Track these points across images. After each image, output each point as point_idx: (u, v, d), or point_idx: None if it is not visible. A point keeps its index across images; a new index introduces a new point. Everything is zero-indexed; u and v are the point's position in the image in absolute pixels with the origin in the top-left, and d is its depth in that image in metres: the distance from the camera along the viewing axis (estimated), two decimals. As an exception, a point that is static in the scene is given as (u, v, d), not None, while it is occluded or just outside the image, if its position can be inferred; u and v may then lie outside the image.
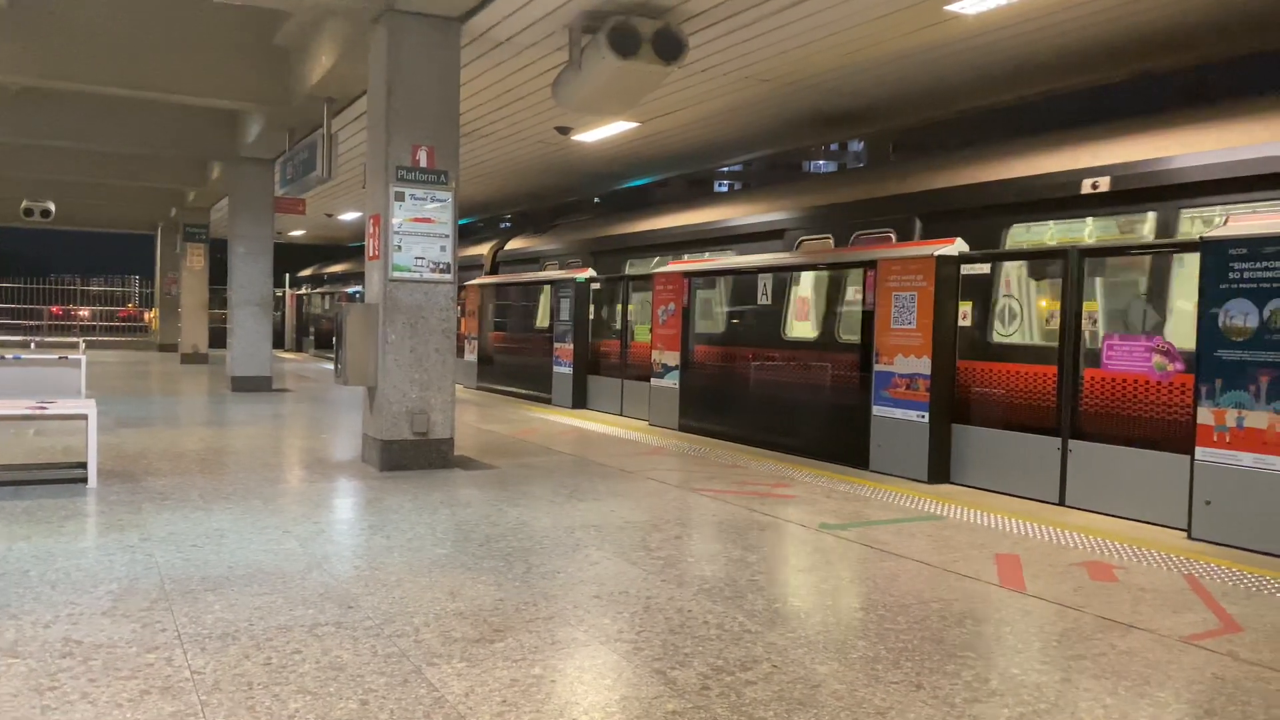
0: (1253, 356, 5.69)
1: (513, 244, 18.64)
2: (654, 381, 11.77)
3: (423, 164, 8.18)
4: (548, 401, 14.39)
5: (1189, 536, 6.05)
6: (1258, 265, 5.68)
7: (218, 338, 24.39)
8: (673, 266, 11.85)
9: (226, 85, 11.18)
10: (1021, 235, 8.45)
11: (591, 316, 14.09)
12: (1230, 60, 9.31)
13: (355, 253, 32.83)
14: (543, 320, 16.18)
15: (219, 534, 5.67)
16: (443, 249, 8.24)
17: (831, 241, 10.39)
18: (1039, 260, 8.10)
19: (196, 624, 4.03)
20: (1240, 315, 5.75)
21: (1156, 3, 7.48)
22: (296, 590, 4.56)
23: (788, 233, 11.07)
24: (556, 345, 14.21)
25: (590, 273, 14.08)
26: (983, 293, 8.36)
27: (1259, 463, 5.68)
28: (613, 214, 16.82)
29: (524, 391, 15.38)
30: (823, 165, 69.83)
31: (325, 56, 9.82)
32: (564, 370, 14.01)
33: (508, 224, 29.10)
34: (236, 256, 15.98)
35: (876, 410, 8.49)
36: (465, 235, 23.54)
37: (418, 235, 8.17)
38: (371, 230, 8.38)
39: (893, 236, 9.54)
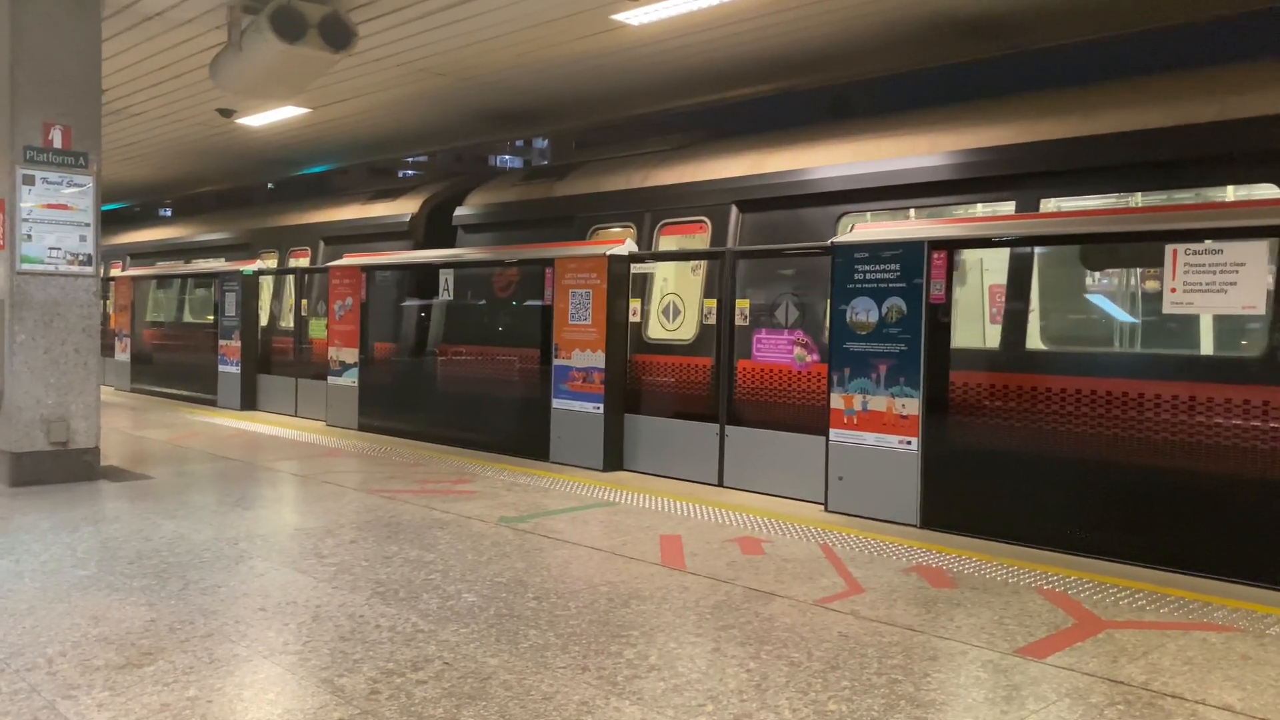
0: (874, 348, 6.47)
1: (486, 195, 11.89)
2: (331, 380, 11.37)
3: (57, 144, 7.37)
4: (213, 403, 13.46)
5: (826, 509, 6.77)
6: (877, 268, 6.46)
7: None
8: (348, 259, 11.49)
9: None
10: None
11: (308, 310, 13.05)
12: (866, 80, 10.44)
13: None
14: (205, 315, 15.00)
15: None
16: (83, 238, 7.48)
17: (635, 229, 9.88)
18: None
19: None
20: (864, 312, 6.51)
21: (799, 26, 8.25)
22: (-103, 630, 3.99)
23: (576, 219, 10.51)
24: (223, 342, 13.31)
25: (258, 264, 13.32)
26: (638, 290, 8.86)
27: (879, 441, 6.47)
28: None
29: (186, 393, 14.27)
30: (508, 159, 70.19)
31: (-69, 15, 8.55)
32: (231, 369, 13.15)
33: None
34: None
35: (556, 403, 8.74)
36: (366, 183, 16.81)
37: (52, 223, 7.36)
38: (-6, 217, 7.44)
39: (635, 229, 9.71)
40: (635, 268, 9.21)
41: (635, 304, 8.61)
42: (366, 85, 10.52)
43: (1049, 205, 7.01)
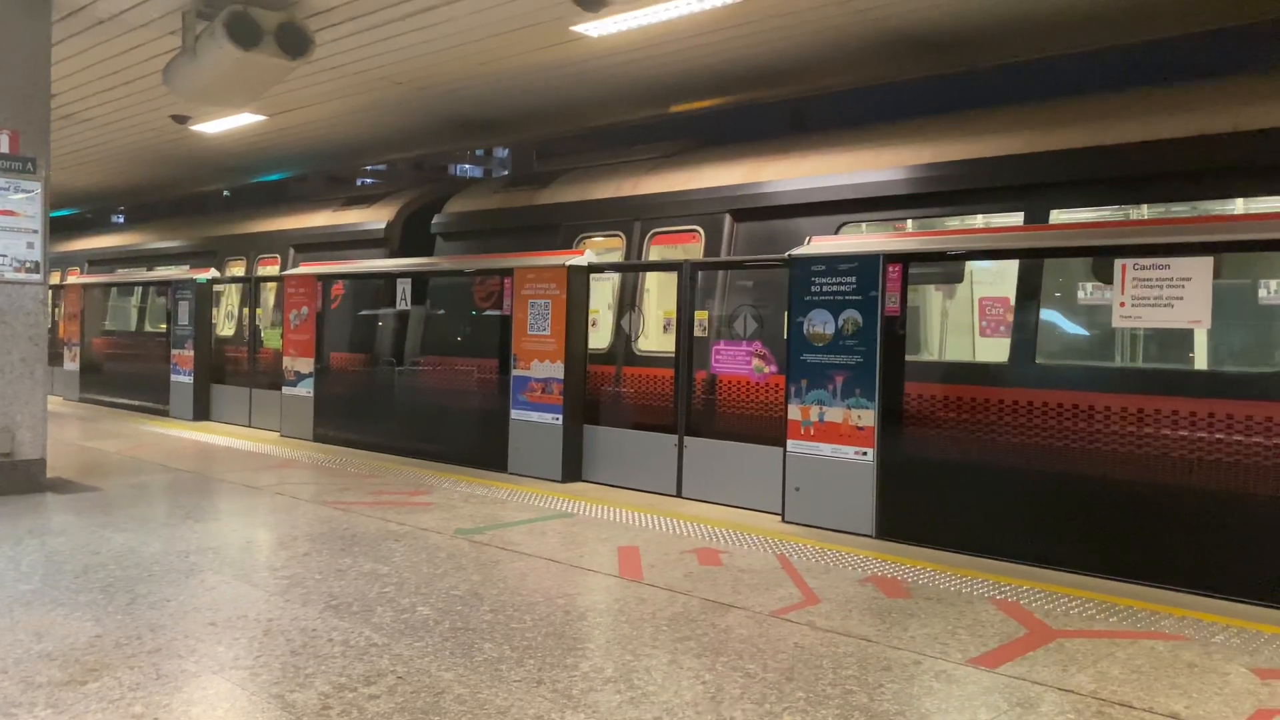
0: (830, 360, 6.52)
1: (465, 202, 11.66)
2: (286, 390, 11.23)
3: (4, 149, 7.23)
4: (165, 414, 13.23)
5: (783, 520, 6.80)
6: (834, 280, 6.52)
7: None
8: (304, 268, 11.38)
9: None
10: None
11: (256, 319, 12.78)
12: (829, 93, 10.52)
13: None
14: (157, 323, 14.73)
15: None
16: (30, 245, 7.33)
17: (623, 238, 9.72)
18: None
19: None
20: (820, 324, 6.57)
21: (759, 41, 8.32)
22: None
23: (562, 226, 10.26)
24: (175, 351, 13.10)
25: (212, 272, 13.14)
26: (628, 301, 8.83)
27: (836, 452, 6.52)
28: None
29: (137, 403, 14.02)
30: (468, 168, 69.97)
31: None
32: (184, 379, 12.95)
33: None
34: None
35: (514, 414, 8.69)
36: (330, 190, 16.04)
37: (-2, 230, 7.21)
38: (-63, 222, 7.27)
39: (623, 236, 9.64)
40: (620, 278, 9.15)
41: (595, 314, 8.60)
42: (324, 93, 10.43)
43: (1059, 217, 6.94)
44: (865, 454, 6.39)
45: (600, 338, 9.26)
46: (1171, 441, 5.42)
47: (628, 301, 9.18)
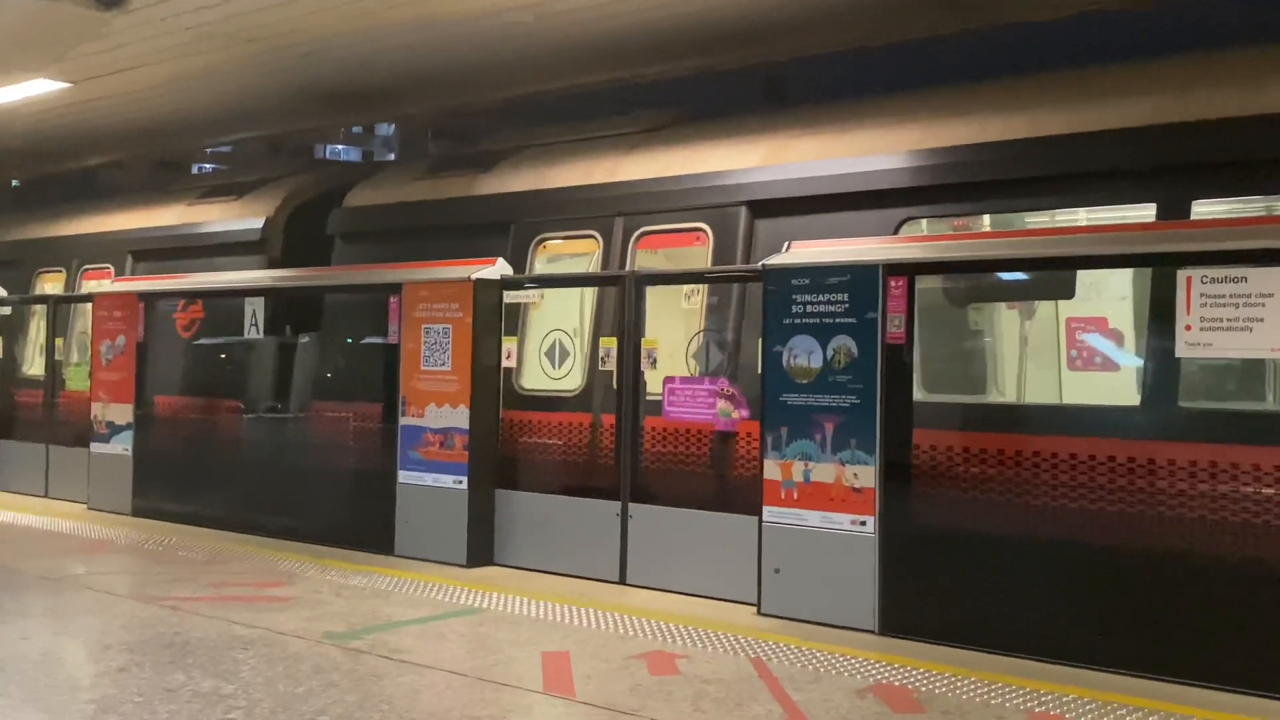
0: (817, 401, 6.58)
1: (375, 193, 11.36)
2: (96, 447, 11.05)
3: None
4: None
5: (758, 612, 6.83)
6: (821, 298, 6.59)
7: None
8: (121, 284, 11.25)
9: None
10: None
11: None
12: (804, 59, 10.68)
13: None
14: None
15: None
16: None
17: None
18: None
19: None
20: (804, 354, 6.64)
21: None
22: None
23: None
24: (-57, 398, 12.86)
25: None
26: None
27: (826, 521, 6.57)
28: None
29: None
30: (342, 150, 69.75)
31: None
32: (-47, 435, 12.72)
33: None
34: None
35: (403, 476, 8.64)
36: (192, 178, 15.57)
37: None
38: None
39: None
40: (598, 294, 8.92)
41: (511, 344, 8.61)
42: (149, 53, 10.35)
43: (1202, 211, 6.74)
44: (864, 523, 6.44)
45: (571, 375, 9.09)
46: (1261, 504, 5.51)
47: (610, 326, 8.96)
